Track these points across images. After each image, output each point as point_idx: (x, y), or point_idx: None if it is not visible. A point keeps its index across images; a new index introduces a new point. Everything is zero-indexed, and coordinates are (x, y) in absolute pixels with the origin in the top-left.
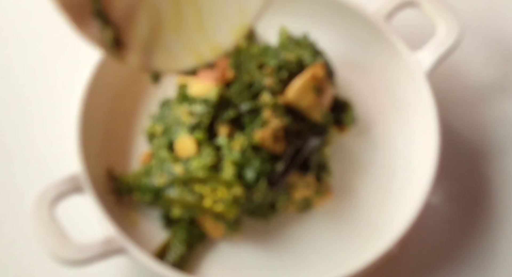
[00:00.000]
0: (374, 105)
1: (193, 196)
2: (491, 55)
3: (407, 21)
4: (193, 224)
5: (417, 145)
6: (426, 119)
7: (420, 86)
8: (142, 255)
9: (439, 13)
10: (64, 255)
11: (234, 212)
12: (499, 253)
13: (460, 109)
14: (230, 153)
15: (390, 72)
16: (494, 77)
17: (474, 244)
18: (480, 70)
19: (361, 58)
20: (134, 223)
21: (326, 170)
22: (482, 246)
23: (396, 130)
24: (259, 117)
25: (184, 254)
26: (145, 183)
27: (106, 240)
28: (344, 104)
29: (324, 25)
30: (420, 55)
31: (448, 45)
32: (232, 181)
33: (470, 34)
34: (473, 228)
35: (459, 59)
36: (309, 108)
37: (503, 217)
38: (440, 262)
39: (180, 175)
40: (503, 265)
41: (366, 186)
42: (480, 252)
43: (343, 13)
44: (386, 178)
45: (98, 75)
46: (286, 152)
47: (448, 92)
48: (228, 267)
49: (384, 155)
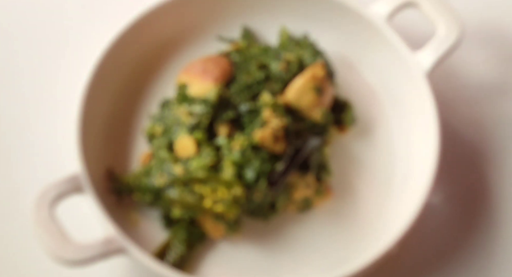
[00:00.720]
0: (374, 105)
1: (193, 196)
2: (492, 55)
3: (407, 21)
4: (193, 224)
5: (417, 145)
6: (426, 119)
7: (420, 86)
8: (142, 255)
9: (439, 13)
10: (64, 255)
11: (234, 212)
12: (499, 254)
13: (460, 109)
14: (230, 153)
15: (390, 72)
16: (494, 77)
17: (474, 245)
18: (480, 71)
19: (361, 58)
20: (134, 223)
21: (326, 170)
22: (482, 246)
23: (396, 130)
24: (259, 117)
25: (184, 254)
26: (145, 183)
27: (106, 240)
28: (344, 104)
29: (324, 25)
30: (420, 55)
31: (448, 45)
32: (232, 181)
33: (470, 34)
34: (473, 229)
35: (459, 59)
36: (309, 108)
37: (503, 218)
38: (440, 263)
39: (180, 175)
40: (503, 266)
41: (366, 186)
42: (480, 252)
43: (343, 13)
44: (386, 178)
45: (98, 75)
46: (286, 152)
47: (449, 92)
48: (228, 267)
49: (384, 155)
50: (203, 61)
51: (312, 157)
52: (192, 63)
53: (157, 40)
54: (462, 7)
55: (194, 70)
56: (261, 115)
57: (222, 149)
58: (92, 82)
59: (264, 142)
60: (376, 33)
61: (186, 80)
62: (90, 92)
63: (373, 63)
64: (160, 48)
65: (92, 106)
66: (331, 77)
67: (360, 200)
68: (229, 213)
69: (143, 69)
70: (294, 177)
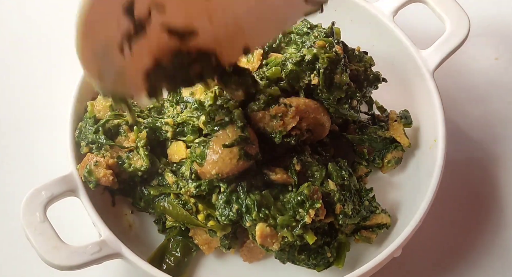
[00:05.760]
0: (381, 102)
1: (185, 210)
2: (499, 53)
3: (414, 18)
4: (188, 230)
5: (423, 144)
6: (432, 117)
7: (426, 83)
8: (137, 259)
9: (446, 10)
10: (57, 259)
11: (227, 229)
12: (506, 256)
13: (467, 107)
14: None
15: (397, 69)
16: (502, 75)
17: (481, 246)
18: (488, 69)
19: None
20: (130, 225)
21: None
22: (490, 248)
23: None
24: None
25: (179, 258)
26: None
27: (100, 243)
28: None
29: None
30: (427, 53)
31: (455, 43)
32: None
33: (478, 31)
34: (480, 230)
35: (467, 58)
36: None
37: (510, 220)
38: (446, 265)
39: (173, 187)
40: (510, 268)
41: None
42: (487, 254)
43: (349, 9)
44: (391, 178)
45: None
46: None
47: (456, 91)
48: (225, 270)
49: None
50: None
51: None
52: None
53: None
54: (469, 4)
55: None
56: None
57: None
58: (85, 84)
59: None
60: (383, 30)
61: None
62: (83, 94)
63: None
64: None
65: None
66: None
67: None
68: (222, 229)
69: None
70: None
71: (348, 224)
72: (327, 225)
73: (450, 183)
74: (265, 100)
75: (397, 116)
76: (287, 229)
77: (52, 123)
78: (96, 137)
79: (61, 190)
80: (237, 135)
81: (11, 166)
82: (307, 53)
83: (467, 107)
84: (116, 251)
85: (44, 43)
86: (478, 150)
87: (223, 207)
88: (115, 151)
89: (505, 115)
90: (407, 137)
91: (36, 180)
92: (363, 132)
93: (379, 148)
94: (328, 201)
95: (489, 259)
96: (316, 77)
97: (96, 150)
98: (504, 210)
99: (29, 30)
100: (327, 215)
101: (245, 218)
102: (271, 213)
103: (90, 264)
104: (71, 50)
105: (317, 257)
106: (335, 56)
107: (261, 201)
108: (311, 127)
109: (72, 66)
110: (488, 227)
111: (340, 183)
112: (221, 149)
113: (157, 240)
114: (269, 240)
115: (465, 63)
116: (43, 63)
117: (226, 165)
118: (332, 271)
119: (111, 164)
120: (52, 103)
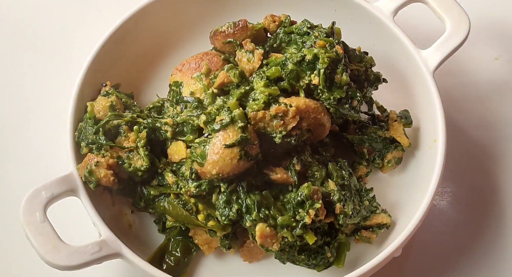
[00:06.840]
0: (381, 102)
1: (185, 210)
2: (500, 53)
3: (414, 18)
4: (188, 230)
5: (423, 144)
6: (432, 117)
7: (426, 83)
8: (138, 259)
9: (446, 10)
10: (57, 259)
11: (227, 229)
12: (507, 256)
13: (467, 107)
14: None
15: (397, 69)
16: (502, 75)
17: (481, 247)
18: (488, 69)
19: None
20: (130, 225)
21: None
22: (490, 249)
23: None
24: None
25: (179, 258)
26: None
27: (100, 243)
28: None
29: (330, 21)
30: (427, 53)
31: (455, 43)
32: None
33: (478, 32)
34: (481, 231)
35: (467, 58)
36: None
37: (510, 220)
38: (446, 265)
39: (173, 187)
40: (510, 268)
41: (372, 186)
42: (488, 255)
43: (349, 9)
44: (391, 178)
45: (89, 77)
46: None
47: (456, 91)
48: (225, 270)
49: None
50: (196, 58)
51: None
52: (186, 61)
53: (152, 38)
54: (469, 4)
55: (187, 67)
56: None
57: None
58: (84, 84)
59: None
60: (383, 29)
61: (180, 79)
62: (83, 91)
63: (379, 59)
64: (154, 47)
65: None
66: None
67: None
68: (222, 229)
69: (137, 68)
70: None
71: (348, 224)
72: (327, 225)
73: (450, 183)
74: (265, 100)
75: (397, 116)
76: (287, 229)
77: (52, 123)
78: (96, 138)
79: (61, 190)
80: (238, 135)
81: (11, 166)
82: (308, 53)
83: (467, 107)
84: (116, 251)
85: (44, 43)
86: (478, 150)
87: (223, 207)
88: (115, 151)
89: (505, 115)
90: (407, 137)
91: (36, 180)
92: (363, 132)
93: (379, 148)
94: (328, 201)
95: (489, 259)
96: (316, 77)
97: (96, 150)
98: (504, 210)
99: (29, 30)
100: (327, 215)
101: (245, 218)
102: (271, 213)
103: (90, 264)
104: (72, 50)
105: (317, 257)
106: (335, 56)
107: (261, 201)
108: (312, 127)
109: (72, 67)
110: (488, 227)
111: (340, 183)
112: (222, 149)
113: (157, 240)
114: (269, 240)
115: (465, 63)
116: (43, 64)
117: (226, 165)
118: (332, 271)
119: (111, 164)
120: (52, 103)
